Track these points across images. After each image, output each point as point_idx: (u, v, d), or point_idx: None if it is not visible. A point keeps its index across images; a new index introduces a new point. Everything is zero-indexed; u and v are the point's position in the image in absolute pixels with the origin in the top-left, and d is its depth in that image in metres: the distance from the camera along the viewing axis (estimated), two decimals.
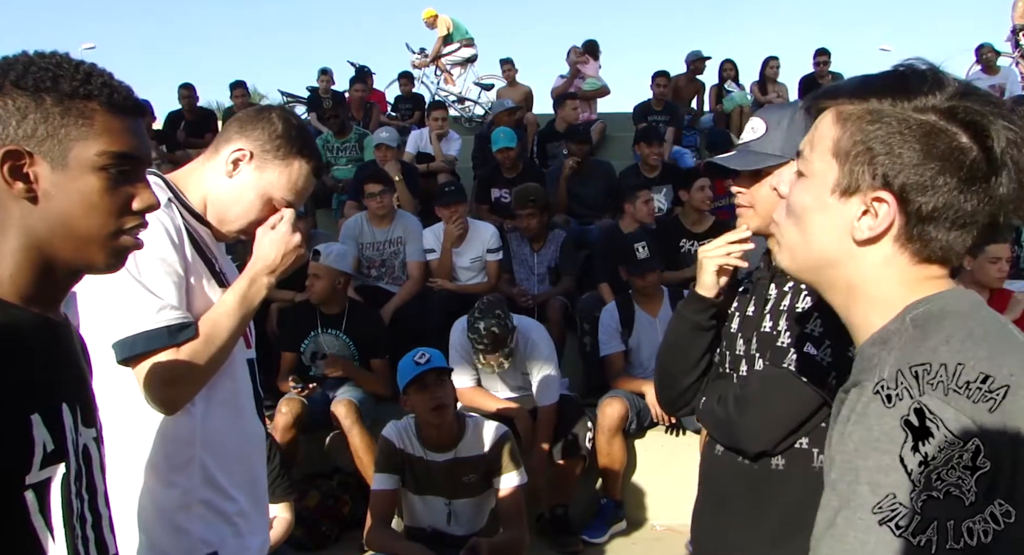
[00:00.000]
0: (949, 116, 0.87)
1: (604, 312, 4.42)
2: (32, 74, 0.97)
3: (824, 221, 0.94)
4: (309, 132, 1.73)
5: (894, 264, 0.92)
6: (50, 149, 0.98)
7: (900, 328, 0.89)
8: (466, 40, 10.66)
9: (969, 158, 0.86)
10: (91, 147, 0.99)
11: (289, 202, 1.64)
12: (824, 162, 0.94)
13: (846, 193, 0.92)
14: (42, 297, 1.01)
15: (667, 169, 6.37)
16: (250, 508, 1.65)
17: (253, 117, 1.64)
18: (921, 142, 0.87)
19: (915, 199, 0.87)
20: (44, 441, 0.94)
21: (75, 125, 0.99)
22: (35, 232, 0.98)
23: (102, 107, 1.00)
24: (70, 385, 1.04)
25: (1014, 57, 9.22)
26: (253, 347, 1.73)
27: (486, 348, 3.83)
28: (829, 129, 0.94)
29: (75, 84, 0.99)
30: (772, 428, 1.55)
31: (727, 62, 9.62)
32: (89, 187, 0.99)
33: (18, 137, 0.97)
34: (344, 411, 3.99)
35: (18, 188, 0.96)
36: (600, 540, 3.93)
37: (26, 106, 0.97)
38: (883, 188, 0.89)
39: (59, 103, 0.98)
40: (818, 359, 1.50)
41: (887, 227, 0.90)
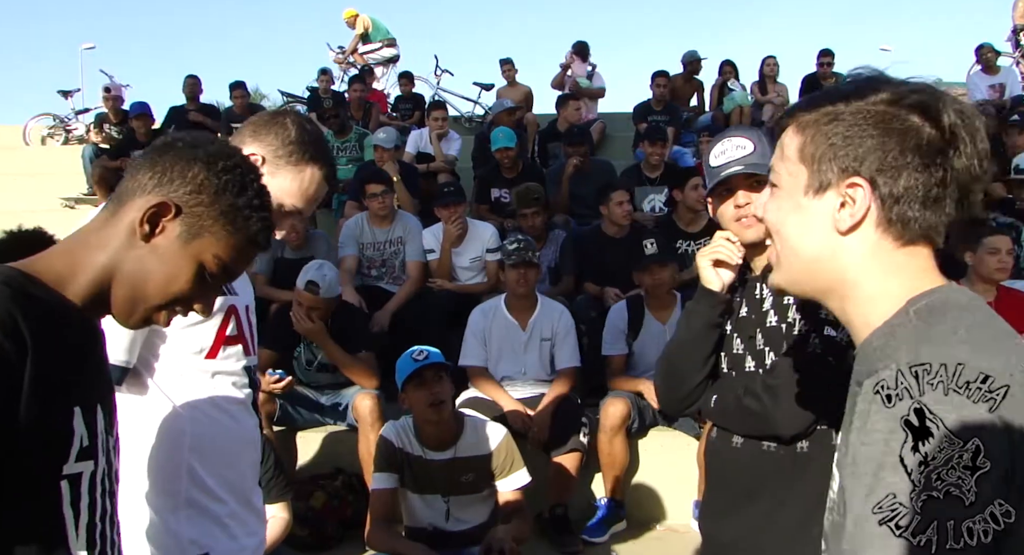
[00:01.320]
0: (897, 103, 0.93)
1: (612, 311, 4.41)
2: (229, 173, 1.13)
3: (803, 223, 0.98)
4: (323, 139, 1.71)
5: (881, 251, 0.94)
6: (191, 225, 1.11)
7: (904, 320, 0.90)
8: (387, 40, 10.73)
9: (924, 135, 0.92)
10: (217, 249, 1.13)
11: (299, 208, 1.63)
12: (793, 167, 0.99)
13: (819, 191, 0.96)
14: (93, 309, 1.10)
15: (668, 169, 6.37)
16: (242, 509, 1.65)
17: (267, 122, 1.62)
18: (878, 128, 0.93)
19: (885, 181, 0.92)
20: (82, 435, 0.99)
21: (221, 226, 1.12)
22: (122, 264, 1.10)
23: (249, 233, 1.15)
24: (103, 389, 1.12)
25: (1014, 57, 9.23)
26: (254, 354, 1.73)
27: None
28: (792, 139, 1.00)
29: (247, 207, 1.14)
30: (805, 408, 1.58)
31: (727, 64, 9.62)
32: (184, 270, 1.11)
33: (178, 197, 1.10)
34: (370, 406, 3.97)
35: (144, 228, 1.09)
36: (600, 540, 3.92)
37: (205, 187, 1.11)
38: (853, 176, 0.93)
39: (229, 208, 1.13)
40: (838, 339, 1.55)
41: (866, 211, 0.93)
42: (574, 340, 4.28)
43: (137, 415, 1.50)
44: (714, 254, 1.73)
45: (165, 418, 1.54)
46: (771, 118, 8.78)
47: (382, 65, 10.74)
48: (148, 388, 1.53)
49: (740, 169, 1.71)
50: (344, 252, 5.21)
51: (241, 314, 1.66)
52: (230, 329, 1.61)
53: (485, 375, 4.23)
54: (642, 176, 6.31)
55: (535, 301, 4.28)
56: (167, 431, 1.53)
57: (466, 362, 4.24)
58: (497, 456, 3.21)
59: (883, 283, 0.94)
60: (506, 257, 4.24)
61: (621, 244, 5.02)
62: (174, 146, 1.13)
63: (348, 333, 4.26)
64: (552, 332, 4.25)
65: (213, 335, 1.58)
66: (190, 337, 1.56)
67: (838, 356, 1.54)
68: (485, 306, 4.38)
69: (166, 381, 1.54)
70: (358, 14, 10.63)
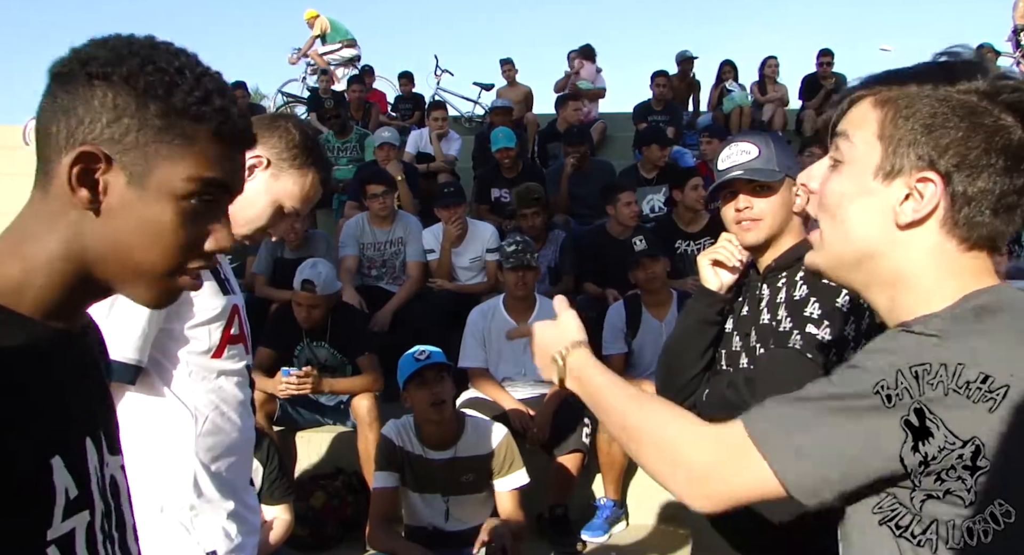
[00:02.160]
0: (992, 98, 0.86)
1: (611, 310, 4.42)
2: (147, 75, 0.83)
3: (865, 208, 0.90)
4: (320, 143, 1.78)
5: (943, 253, 0.88)
6: (134, 161, 0.83)
7: (960, 313, 0.86)
8: (347, 41, 10.74)
9: (1015, 138, 0.85)
10: (180, 170, 0.84)
11: (297, 210, 1.68)
12: (867, 145, 0.91)
13: (889, 176, 0.89)
14: (67, 311, 0.86)
15: (666, 169, 6.37)
16: (243, 508, 1.67)
17: (269, 125, 1.66)
18: (966, 121, 0.85)
19: (961, 179, 0.85)
20: (67, 487, 0.81)
21: (171, 143, 0.84)
22: (85, 246, 0.83)
23: (210, 133, 0.86)
24: (93, 412, 0.91)
25: (1015, 57, 9.21)
26: (251, 354, 1.75)
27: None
28: (869, 112, 0.91)
29: (190, 101, 0.85)
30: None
31: (726, 64, 9.62)
32: (163, 217, 0.85)
33: (101, 138, 0.82)
34: (368, 406, 3.97)
35: (81, 196, 0.81)
36: (600, 540, 3.92)
37: (125, 107, 0.82)
38: (928, 168, 0.86)
39: (163, 116, 0.83)
40: (819, 337, 1.61)
41: (932, 209, 0.87)
42: None
43: (146, 414, 1.51)
44: (714, 254, 1.80)
45: (174, 417, 1.55)
46: (771, 118, 8.79)
47: (343, 65, 10.75)
48: (158, 388, 1.54)
49: (740, 174, 1.78)
50: (344, 252, 5.21)
51: (241, 313, 1.68)
52: (234, 328, 1.63)
53: (485, 376, 4.23)
54: (640, 176, 6.30)
55: (534, 302, 4.28)
56: (176, 430, 1.54)
57: (466, 363, 4.24)
58: (497, 456, 3.22)
59: (939, 284, 0.89)
60: (504, 259, 4.24)
61: (624, 245, 5.02)
62: (70, 73, 0.83)
63: (349, 335, 4.27)
64: None
65: (220, 334, 1.59)
66: (199, 337, 1.57)
67: (818, 353, 1.60)
68: (483, 307, 4.37)
69: (175, 381, 1.55)
70: (318, 15, 10.66)
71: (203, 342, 1.57)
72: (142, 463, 1.50)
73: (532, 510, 3.93)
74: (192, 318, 1.55)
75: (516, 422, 3.93)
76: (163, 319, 1.51)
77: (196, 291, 1.00)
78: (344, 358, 4.29)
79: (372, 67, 10.23)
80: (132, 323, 1.46)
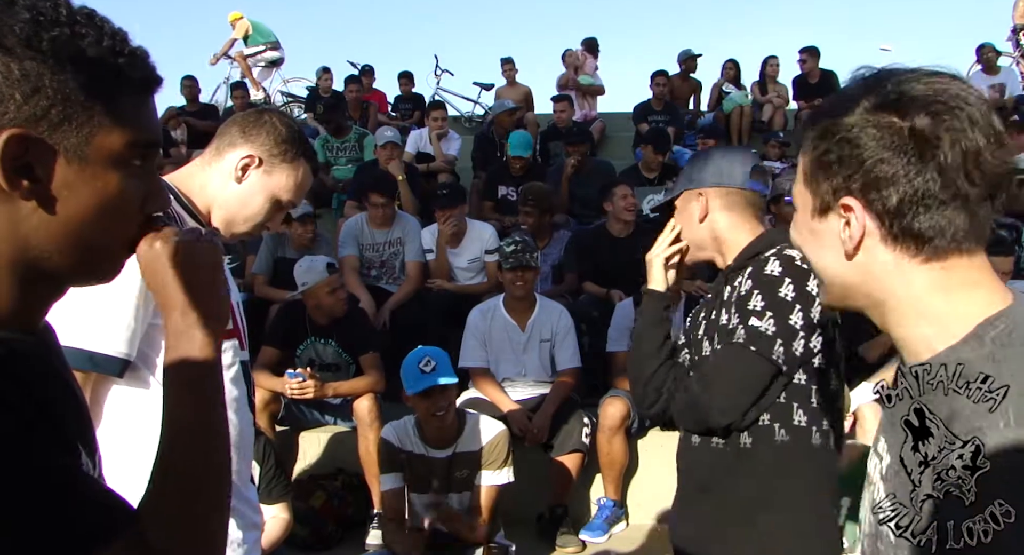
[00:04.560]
0: (876, 110, 0.87)
1: (619, 308, 4.41)
2: (49, 34, 0.71)
3: (820, 247, 0.95)
4: (304, 133, 1.82)
5: (905, 269, 0.88)
6: (65, 135, 0.73)
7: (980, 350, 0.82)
8: (270, 43, 10.68)
9: (905, 134, 0.85)
10: (117, 134, 0.75)
11: (293, 202, 1.72)
12: (800, 190, 0.96)
13: (823, 213, 0.92)
14: (24, 315, 0.78)
15: (667, 169, 6.38)
16: (242, 505, 1.67)
17: (255, 122, 1.69)
18: (860, 140, 0.87)
19: (875, 197, 0.86)
20: None
21: (99, 106, 0.74)
22: (28, 242, 0.74)
23: (130, 84, 0.77)
24: (76, 414, 0.84)
25: (1015, 57, 9.22)
26: (247, 349, 1.75)
27: None
28: (800, 160, 0.96)
29: (104, 53, 0.74)
30: (734, 396, 1.69)
31: (729, 62, 9.62)
32: (110, 186, 0.76)
33: (20, 118, 0.70)
34: (368, 406, 3.97)
35: (23, 187, 0.72)
36: (600, 540, 3.92)
37: (38, 75, 0.70)
38: (844, 195, 0.89)
39: (83, 77, 0.72)
40: (763, 330, 1.64)
41: (862, 232, 0.88)
42: (574, 341, 4.27)
43: (136, 409, 1.51)
44: (667, 252, 1.92)
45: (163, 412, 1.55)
46: (771, 118, 8.79)
47: (266, 68, 10.73)
48: (147, 382, 1.54)
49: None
50: (345, 252, 5.21)
51: (235, 309, 1.68)
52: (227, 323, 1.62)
53: (486, 376, 4.23)
54: (641, 176, 6.31)
55: (533, 302, 4.28)
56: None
57: (466, 363, 4.24)
58: (488, 449, 3.24)
59: (925, 300, 0.88)
60: (503, 259, 4.24)
61: (625, 243, 5.02)
62: None
63: (356, 332, 4.28)
64: (552, 333, 4.25)
65: None
66: None
67: (763, 346, 1.65)
68: (483, 307, 4.38)
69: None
70: (242, 16, 10.63)
71: None
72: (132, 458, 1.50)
73: (532, 510, 3.94)
74: None
75: (516, 425, 3.94)
76: (151, 315, 1.51)
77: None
78: (349, 357, 4.29)
79: (372, 67, 10.22)
80: (118, 316, 1.46)
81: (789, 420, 1.68)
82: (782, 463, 1.69)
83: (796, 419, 1.68)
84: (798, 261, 1.63)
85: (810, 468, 1.70)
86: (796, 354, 1.64)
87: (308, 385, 3.92)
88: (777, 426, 1.68)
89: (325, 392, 4.01)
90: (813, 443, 1.69)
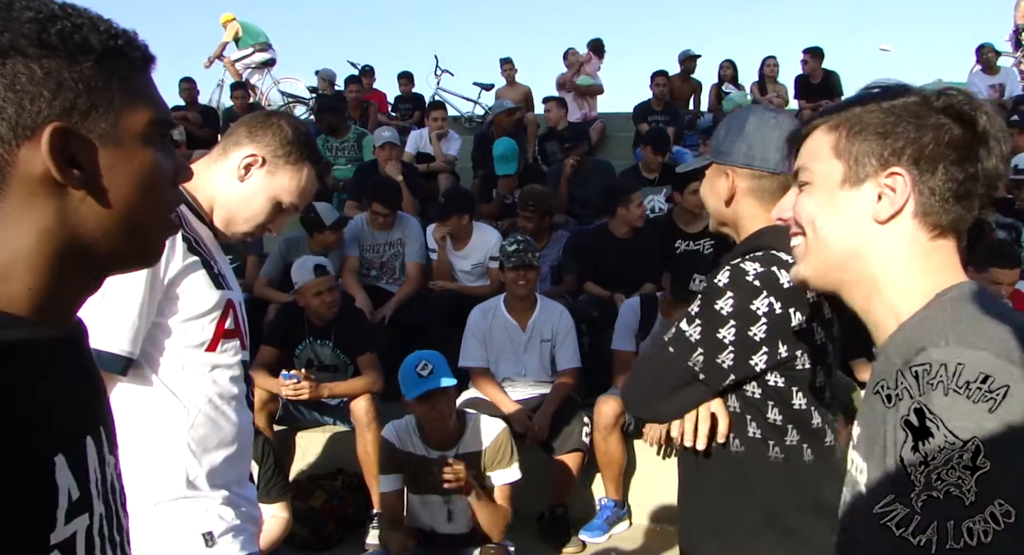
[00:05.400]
0: (927, 104, 0.97)
1: (625, 307, 4.40)
2: (54, 29, 0.74)
3: (839, 217, 0.99)
4: (313, 137, 1.83)
5: (916, 242, 0.96)
6: (96, 123, 0.77)
7: (938, 307, 0.92)
8: (259, 44, 10.63)
9: (956, 133, 0.95)
10: (140, 113, 0.79)
11: (295, 205, 1.72)
12: (826, 163, 1.01)
13: (856, 183, 0.98)
14: (63, 307, 0.81)
15: (667, 170, 6.37)
16: (240, 500, 1.68)
17: (262, 122, 1.70)
18: (913, 123, 0.96)
19: (923, 172, 0.95)
20: (69, 488, 0.76)
21: (116, 90, 0.77)
22: (77, 232, 0.77)
23: (135, 64, 0.80)
24: (92, 409, 0.86)
25: (1015, 57, 9.22)
26: (247, 348, 1.76)
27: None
28: (822, 138, 1.02)
29: (105, 39, 0.77)
30: (646, 389, 1.68)
31: (727, 62, 9.62)
32: (146, 165, 0.80)
33: (54, 113, 0.74)
34: (366, 407, 3.97)
35: (73, 177, 0.75)
36: (600, 540, 3.92)
37: (57, 70, 0.74)
38: (895, 165, 0.96)
39: (96, 65, 0.76)
40: (688, 335, 1.59)
41: (905, 201, 0.95)
42: (574, 341, 4.28)
43: (139, 406, 1.53)
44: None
45: (166, 409, 1.56)
46: None
47: (257, 70, 10.67)
48: (150, 380, 1.56)
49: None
50: (345, 252, 5.21)
51: (237, 308, 1.69)
52: (228, 323, 1.64)
53: (486, 376, 4.24)
54: (641, 176, 6.31)
55: (534, 302, 4.28)
56: (168, 422, 1.56)
57: (467, 363, 4.25)
58: (492, 449, 3.23)
59: (914, 278, 0.96)
60: (505, 259, 4.24)
61: (627, 245, 5.02)
62: None
63: (353, 334, 4.28)
64: (552, 333, 4.25)
65: (213, 328, 1.61)
66: (192, 330, 1.58)
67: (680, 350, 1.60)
68: (484, 306, 4.38)
69: (168, 373, 1.57)
70: (233, 18, 10.57)
71: (196, 335, 1.58)
72: (133, 455, 1.52)
73: (532, 510, 3.94)
74: (184, 312, 1.56)
75: (516, 425, 3.94)
76: (155, 312, 1.52)
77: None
78: (346, 358, 4.29)
79: (372, 67, 10.23)
80: (123, 314, 1.47)
81: (744, 432, 1.62)
82: (733, 474, 1.64)
83: (751, 431, 1.62)
84: (750, 276, 1.55)
85: (765, 482, 1.61)
86: (723, 366, 1.56)
87: (303, 386, 3.92)
88: (732, 436, 1.63)
89: (321, 393, 4.01)
90: (769, 457, 1.61)
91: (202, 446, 1.59)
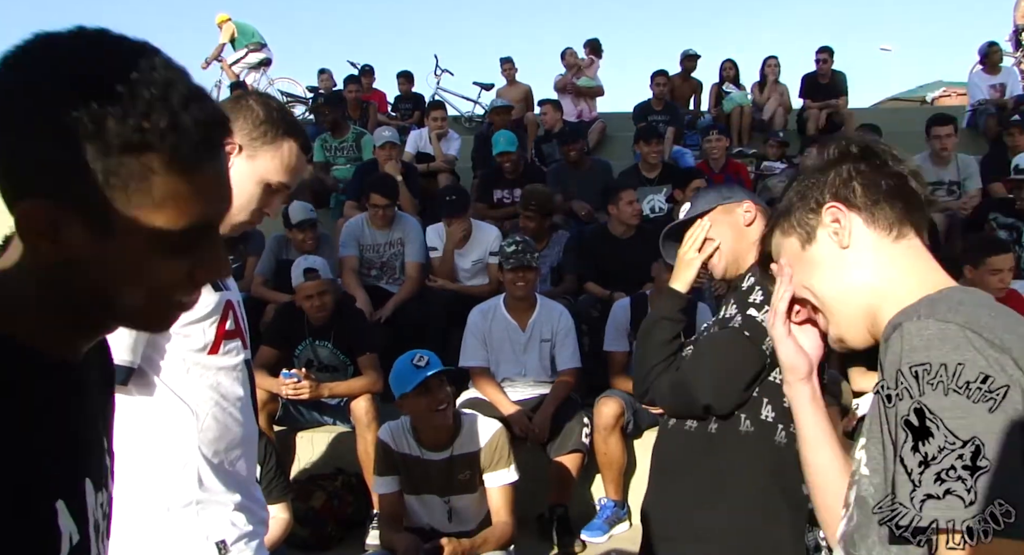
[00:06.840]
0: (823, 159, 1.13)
1: (615, 307, 4.41)
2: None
3: (819, 269, 1.09)
4: (288, 110, 1.74)
5: (882, 247, 1.06)
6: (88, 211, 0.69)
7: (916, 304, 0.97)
8: (254, 44, 10.56)
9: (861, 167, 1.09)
10: (148, 217, 0.70)
11: (284, 184, 1.65)
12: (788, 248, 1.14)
13: (811, 238, 1.10)
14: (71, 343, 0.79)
15: (667, 169, 6.37)
16: (251, 503, 1.68)
17: (231, 107, 1.63)
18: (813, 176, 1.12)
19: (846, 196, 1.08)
20: (70, 533, 0.74)
21: (125, 189, 0.68)
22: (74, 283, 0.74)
23: (165, 162, 0.69)
24: (93, 448, 0.82)
25: (1016, 57, 9.22)
26: (249, 347, 1.74)
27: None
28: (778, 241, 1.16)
29: (129, 125, 0.66)
30: (722, 377, 1.76)
31: (728, 62, 9.61)
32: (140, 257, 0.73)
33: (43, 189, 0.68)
34: (366, 407, 3.97)
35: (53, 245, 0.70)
36: (600, 540, 3.92)
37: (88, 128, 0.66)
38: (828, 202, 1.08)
39: (105, 155, 0.67)
40: (759, 320, 1.73)
41: (851, 221, 1.06)
42: (574, 341, 4.27)
43: (144, 413, 1.52)
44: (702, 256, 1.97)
45: (172, 415, 1.55)
46: (771, 118, 8.77)
47: (253, 70, 10.62)
48: (154, 386, 1.55)
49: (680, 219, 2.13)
50: (345, 252, 5.20)
51: (236, 308, 1.67)
52: (229, 323, 1.63)
53: (486, 376, 4.23)
54: (641, 176, 6.30)
55: (534, 302, 4.28)
56: (175, 427, 1.55)
57: (467, 363, 4.24)
58: (487, 449, 3.22)
59: (899, 279, 1.03)
60: (504, 260, 4.24)
61: (627, 244, 5.01)
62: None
63: (353, 334, 4.27)
64: (552, 333, 4.25)
65: (214, 331, 1.59)
66: (193, 334, 1.57)
67: (756, 334, 1.72)
68: (484, 307, 4.37)
69: (173, 379, 1.56)
70: (229, 19, 10.51)
71: (198, 339, 1.57)
72: (145, 462, 1.51)
73: (532, 510, 3.93)
74: (184, 317, 1.54)
75: (516, 425, 3.93)
76: None
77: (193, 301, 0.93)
78: (346, 358, 4.28)
79: (372, 67, 10.22)
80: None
81: (757, 414, 1.73)
82: (743, 452, 1.74)
83: (764, 414, 1.73)
84: None
85: (772, 461, 1.73)
86: None
87: (303, 386, 3.91)
88: (743, 416, 1.74)
89: (321, 392, 4.00)
90: (776, 440, 1.72)
91: (212, 448, 1.58)
